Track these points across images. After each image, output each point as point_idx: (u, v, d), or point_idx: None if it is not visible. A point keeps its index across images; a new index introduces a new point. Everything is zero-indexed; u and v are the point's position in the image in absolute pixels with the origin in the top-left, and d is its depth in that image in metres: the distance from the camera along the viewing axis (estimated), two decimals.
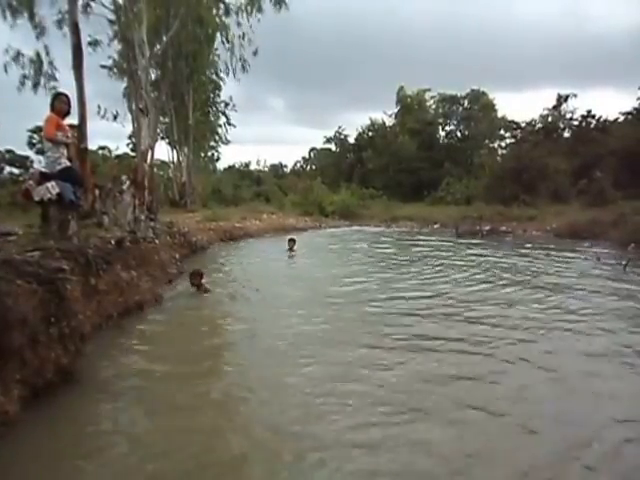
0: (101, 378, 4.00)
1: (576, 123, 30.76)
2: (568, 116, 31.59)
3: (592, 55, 62.22)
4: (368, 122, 41.73)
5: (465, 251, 13.13)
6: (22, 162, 26.56)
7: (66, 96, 6.20)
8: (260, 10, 16.65)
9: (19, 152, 26.80)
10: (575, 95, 31.25)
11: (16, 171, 26.43)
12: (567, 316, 6.00)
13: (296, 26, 52.29)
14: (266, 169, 42.15)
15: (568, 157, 26.13)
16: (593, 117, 29.81)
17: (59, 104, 5.95)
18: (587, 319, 5.87)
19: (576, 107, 31.09)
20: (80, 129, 9.08)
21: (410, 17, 72.38)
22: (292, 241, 12.63)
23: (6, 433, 2.95)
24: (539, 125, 31.99)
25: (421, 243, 15.29)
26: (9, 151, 26.97)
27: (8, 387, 3.10)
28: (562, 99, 31.65)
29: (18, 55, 14.24)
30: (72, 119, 7.51)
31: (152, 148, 15.74)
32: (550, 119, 32.00)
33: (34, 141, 25.68)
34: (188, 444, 3.03)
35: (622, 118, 27.99)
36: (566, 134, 31.35)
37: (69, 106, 6.16)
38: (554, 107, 32.08)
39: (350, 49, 69.05)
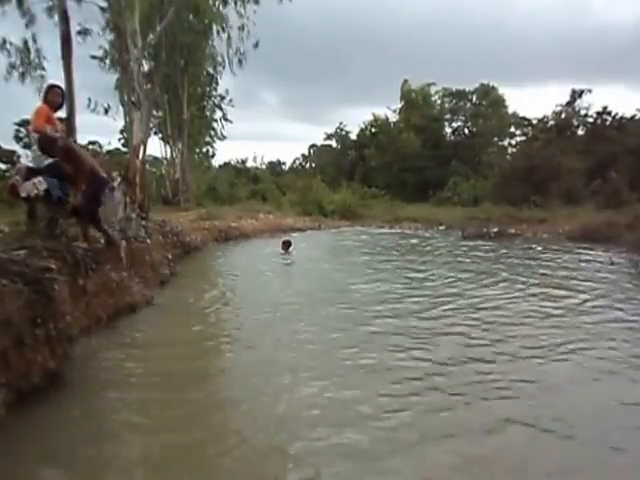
0: (89, 382, 4.01)
1: (591, 120, 30.57)
2: (582, 113, 31.40)
3: (600, 50, 61.89)
4: (371, 118, 41.63)
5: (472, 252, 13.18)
6: (8, 156, 26.58)
7: (60, 88, 6.25)
8: (257, 1, 16.73)
9: (5, 146, 26.87)
10: (590, 91, 31.00)
11: (2, 166, 26.45)
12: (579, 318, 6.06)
13: (292, 16, 52.36)
14: (263, 166, 42.18)
15: (582, 156, 26.10)
16: (609, 114, 29.62)
17: (52, 96, 5.98)
18: (599, 326, 5.90)
19: (591, 103, 30.91)
20: (69, 122, 9.12)
21: (411, 9, 72.56)
22: (287, 243, 12.58)
23: None
24: (551, 122, 31.82)
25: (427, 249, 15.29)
26: None
27: None
28: (576, 95, 31.34)
29: (4, 43, 14.23)
30: (60, 112, 7.54)
31: (144, 143, 15.76)
32: (563, 116, 31.80)
33: (21, 135, 25.72)
34: (180, 449, 3.05)
35: (639, 115, 28.00)
36: (580, 132, 31.23)
37: (62, 99, 6.20)
38: (568, 103, 31.74)
39: (349, 41, 69.14)
